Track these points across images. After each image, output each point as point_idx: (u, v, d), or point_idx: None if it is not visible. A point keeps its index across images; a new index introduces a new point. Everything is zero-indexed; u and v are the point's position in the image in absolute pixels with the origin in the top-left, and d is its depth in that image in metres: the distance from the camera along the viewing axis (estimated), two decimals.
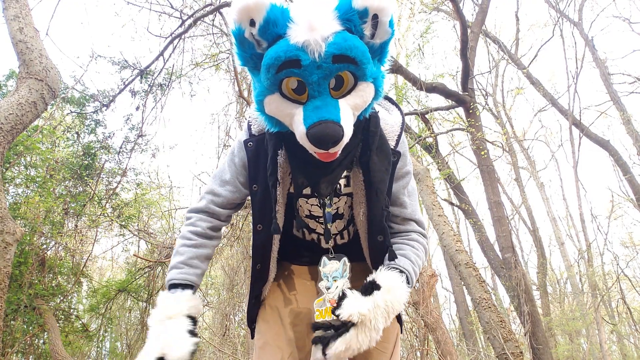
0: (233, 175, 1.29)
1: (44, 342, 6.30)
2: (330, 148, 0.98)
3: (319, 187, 1.18)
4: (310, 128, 0.95)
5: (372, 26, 0.98)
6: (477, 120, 6.88)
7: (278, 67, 0.94)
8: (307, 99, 0.98)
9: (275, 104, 1.01)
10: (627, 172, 8.99)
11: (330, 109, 0.96)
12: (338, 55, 0.93)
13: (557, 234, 13.90)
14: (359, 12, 0.95)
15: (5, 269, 3.07)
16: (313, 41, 0.91)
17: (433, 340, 4.60)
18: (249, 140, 1.24)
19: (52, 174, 6.81)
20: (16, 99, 3.31)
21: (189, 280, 1.22)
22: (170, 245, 6.49)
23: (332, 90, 0.98)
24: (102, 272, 11.97)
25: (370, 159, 1.16)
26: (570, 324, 11.16)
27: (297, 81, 0.97)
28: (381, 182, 1.18)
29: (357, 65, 0.95)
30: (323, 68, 0.93)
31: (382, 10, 0.96)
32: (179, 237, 1.30)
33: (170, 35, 6.32)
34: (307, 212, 1.29)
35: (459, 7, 6.34)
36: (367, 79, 1.00)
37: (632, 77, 9.96)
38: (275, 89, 0.99)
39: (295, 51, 0.92)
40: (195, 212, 1.31)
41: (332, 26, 0.93)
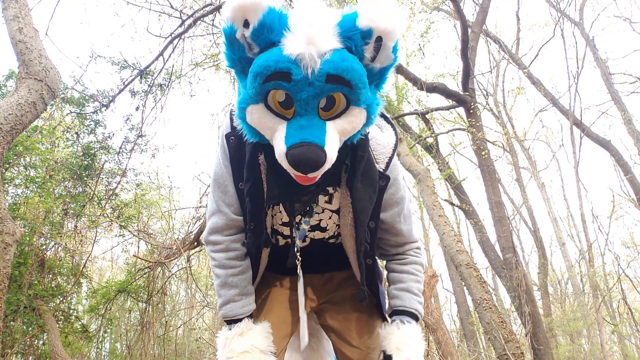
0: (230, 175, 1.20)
1: (43, 343, 6.29)
2: (309, 172, 0.91)
3: (291, 206, 1.14)
4: (291, 148, 0.88)
5: (374, 49, 0.92)
6: (477, 120, 6.87)
7: (266, 77, 0.87)
8: (292, 115, 0.91)
9: (258, 114, 0.94)
10: (628, 172, 8.97)
11: (315, 131, 0.89)
12: (333, 75, 0.86)
13: (558, 234, 13.88)
14: (362, 32, 0.88)
15: (4, 270, 3.05)
16: (308, 55, 0.84)
17: (434, 340, 4.58)
18: (231, 134, 1.15)
19: (51, 174, 6.79)
20: (15, 99, 3.30)
21: (252, 310, 1.22)
22: (170, 246, 6.48)
23: (321, 110, 0.91)
24: (102, 273, 11.96)
25: (354, 185, 1.10)
26: (571, 325, 11.14)
27: (284, 94, 0.90)
28: (362, 212, 1.12)
29: (351, 88, 0.89)
30: (314, 86, 0.87)
31: (388, 34, 0.90)
32: (218, 266, 1.21)
33: (170, 35, 6.31)
34: (285, 218, 1.23)
35: (459, 6, 6.33)
36: (360, 104, 0.93)
37: (633, 77, 9.94)
38: (260, 99, 0.92)
39: (287, 63, 0.85)
40: (220, 234, 1.20)
41: (331, 42, 0.87)
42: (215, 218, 1.20)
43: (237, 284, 1.20)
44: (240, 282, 1.20)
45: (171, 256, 6.26)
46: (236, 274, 1.20)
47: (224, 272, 1.20)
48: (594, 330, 11.20)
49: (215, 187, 1.21)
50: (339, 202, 1.19)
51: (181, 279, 8.29)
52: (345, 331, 1.31)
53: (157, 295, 6.95)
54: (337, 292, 1.35)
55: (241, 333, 1.16)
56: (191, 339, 9.43)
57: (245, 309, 1.19)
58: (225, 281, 1.19)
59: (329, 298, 1.35)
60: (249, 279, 1.23)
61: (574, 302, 13.30)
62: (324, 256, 1.33)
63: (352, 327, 1.31)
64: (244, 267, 1.22)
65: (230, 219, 1.19)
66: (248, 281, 1.22)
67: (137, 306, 7.64)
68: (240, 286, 1.20)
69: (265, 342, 1.16)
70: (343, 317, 1.32)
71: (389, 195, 1.19)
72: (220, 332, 1.20)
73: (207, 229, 1.23)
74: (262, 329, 1.18)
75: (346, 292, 1.34)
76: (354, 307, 1.33)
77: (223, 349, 1.16)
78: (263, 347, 1.15)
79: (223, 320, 1.21)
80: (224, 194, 1.19)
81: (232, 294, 1.19)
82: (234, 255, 1.21)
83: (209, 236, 1.21)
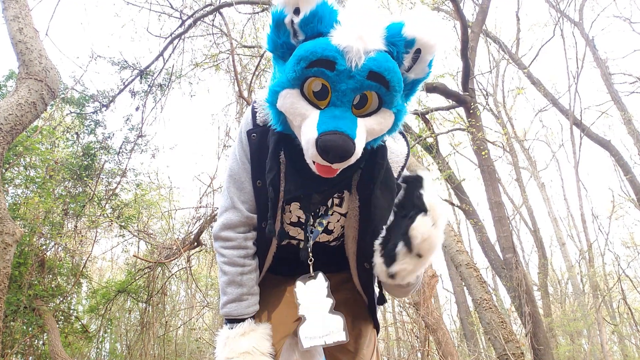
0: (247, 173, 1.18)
1: (43, 343, 6.28)
2: (336, 162, 0.92)
3: (308, 201, 1.14)
4: (323, 135, 0.89)
5: (412, 59, 0.95)
6: (477, 120, 6.87)
7: (311, 62, 0.89)
8: (326, 106, 0.93)
9: (291, 99, 0.95)
10: (628, 172, 8.97)
11: (348, 123, 0.91)
12: (375, 72, 0.89)
13: (558, 234, 13.88)
14: (406, 41, 0.92)
15: (4, 270, 3.05)
16: (355, 49, 0.87)
17: (434, 341, 4.58)
18: (253, 131, 1.15)
19: (51, 174, 6.79)
20: (16, 99, 3.30)
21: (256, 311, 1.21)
22: (170, 246, 6.48)
23: (353, 106, 0.93)
24: (102, 273, 11.96)
25: (374, 193, 1.10)
26: (571, 325, 11.15)
27: (321, 84, 0.92)
28: (381, 221, 1.11)
29: (388, 89, 0.91)
30: (355, 80, 0.89)
31: (428, 48, 0.93)
32: (227, 264, 1.18)
33: (170, 36, 6.32)
34: (295, 218, 1.22)
35: (459, 6, 6.33)
36: (392, 107, 0.96)
37: (633, 77, 9.94)
38: (297, 84, 0.93)
39: (334, 52, 0.88)
40: (233, 230, 1.19)
41: (377, 43, 0.90)
42: (229, 214, 1.19)
43: (245, 282, 1.19)
44: (248, 281, 1.19)
45: (171, 256, 6.26)
46: (245, 273, 1.19)
47: (234, 270, 1.18)
48: (594, 330, 11.20)
49: (231, 183, 1.19)
50: (348, 205, 1.20)
51: (181, 279, 8.29)
52: None
53: (157, 296, 6.95)
54: (333, 294, 1.34)
55: (243, 333, 1.15)
56: (191, 339, 9.44)
57: (250, 309, 1.19)
58: (233, 279, 1.18)
59: None
60: (256, 279, 1.22)
61: (574, 302, 13.30)
62: (323, 259, 1.32)
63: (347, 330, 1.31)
64: (253, 267, 1.21)
65: (245, 216, 1.18)
66: (255, 281, 1.22)
67: (137, 306, 7.64)
68: (248, 285, 1.19)
69: (266, 344, 1.16)
70: None
71: None
72: (221, 331, 1.19)
73: (218, 224, 1.20)
74: (264, 331, 1.18)
75: (341, 295, 1.33)
76: (348, 311, 1.31)
77: (223, 348, 1.15)
78: (264, 349, 1.14)
79: (225, 318, 1.20)
80: (240, 190, 1.18)
81: (239, 293, 1.18)
82: (245, 254, 1.20)
83: (221, 232, 1.19)
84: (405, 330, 6.50)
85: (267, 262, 1.26)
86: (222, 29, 6.64)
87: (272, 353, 1.16)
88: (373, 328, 1.35)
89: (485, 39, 10.16)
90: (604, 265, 10.95)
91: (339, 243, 1.31)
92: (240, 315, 1.18)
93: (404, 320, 6.65)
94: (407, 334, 5.64)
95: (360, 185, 1.13)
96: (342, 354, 1.30)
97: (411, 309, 5.29)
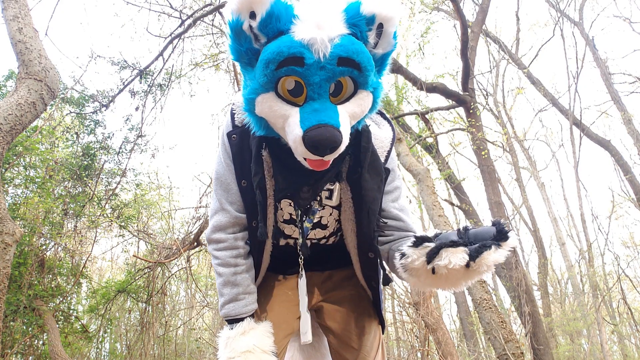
0: (232, 174, 1.20)
1: (43, 343, 6.28)
2: (326, 154, 0.92)
3: (298, 196, 1.13)
4: (308, 131, 0.89)
5: (376, 35, 0.95)
6: (477, 120, 6.87)
7: (279, 63, 0.89)
8: (304, 101, 0.93)
9: (268, 103, 0.94)
10: (627, 172, 8.97)
11: (330, 113, 0.91)
12: (344, 57, 0.89)
13: (557, 234, 13.87)
14: (366, 19, 0.92)
15: (4, 270, 3.05)
16: (319, 40, 0.87)
17: (434, 340, 4.58)
18: (233, 132, 1.16)
19: (51, 174, 6.79)
20: (15, 99, 3.30)
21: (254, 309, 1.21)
22: (170, 246, 6.48)
23: (330, 95, 0.93)
24: (102, 273, 11.95)
25: (362, 176, 1.11)
26: (571, 325, 11.15)
27: (294, 81, 0.92)
28: (374, 202, 1.13)
29: (360, 71, 0.91)
30: (327, 69, 0.89)
31: (389, 21, 0.94)
32: (221, 265, 1.20)
33: (170, 36, 6.31)
34: (287, 215, 1.23)
35: (459, 6, 6.33)
36: (367, 87, 0.96)
37: (633, 77, 9.94)
38: (270, 87, 0.93)
39: (300, 48, 0.87)
40: (224, 232, 1.20)
41: (339, 28, 0.89)
42: (219, 216, 1.20)
43: (240, 282, 1.19)
44: (243, 280, 1.20)
45: (171, 256, 6.25)
46: (239, 272, 1.20)
47: (228, 270, 1.19)
48: (594, 330, 11.20)
49: (218, 186, 1.21)
50: (339, 197, 1.19)
51: (181, 279, 8.29)
52: (344, 332, 1.31)
53: (157, 296, 6.95)
54: (336, 291, 1.34)
55: (243, 332, 1.15)
56: (191, 339, 9.43)
57: (247, 308, 1.19)
58: (228, 279, 1.19)
59: (328, 297, 1.35)
60: (251, 277, 1.22)
61: (574, 302, 13.30)
62: (324, 257, 1.32)
63: (351, 328, 1.30)
64: (247, 266, 1.21)
65: (233, 216, 1.19)
66: (251, 280, 1.22)
67: (137, 306, 7.64)
68: (244, 285, 1.20)
69: (267, 341, 1.16)
70: (341, 317, 1.32)
71: (386, 185, 1.21)
72: (222, 332, 1.19)
73: (210, 227, 1.22)
74: (264, 329, 1.18)
75: (345, 292, 1.34)
76: (352, 308, 1.32)
77: (225, 349, 1.15)
78: (265, 347, 1.14)
79: (225, 319, 1.21)
80: (227, 192, 1.19)
81: (235, 293, 1.19)
82: (238, 254, 1.20)
83: (213, 234, 1.21)
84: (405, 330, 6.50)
85: (265, 262, 1.26)
86: (222, 29, 6.64)
87: (274, 350, 1.16)
88: (378, 324, 1.34)
89: (485, 38, 10.15)
90: (604, 265, 10.95)
91: (337, 239, 1.30)
92: (238, 315, 1.18)
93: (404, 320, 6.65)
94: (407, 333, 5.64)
95: (350, 173, 1.13)
96: (346, 351, 1.30)
97: (411, 309, 5.29)
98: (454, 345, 4.57)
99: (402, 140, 5.72)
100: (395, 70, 6.80)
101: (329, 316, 1.33)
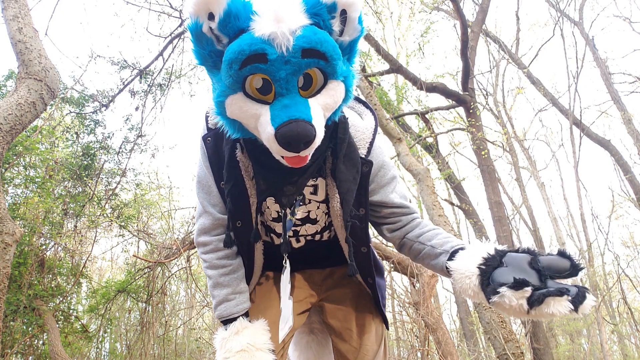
0: (211, 176, 1.19)
1: (43, 343, 6.28)
2: (301, 150, 0.90)
3: (281, 196, 1.12)
4: (280, 128, 0.87)
5: (340, 22, 0.92)
6: (477, 120, 6.87)
7: (242, 62, 0.86)
8: (273, 98, 0.91)
9: (238, 104, 0.92)
10: (627, 171, 8.97)
11: (301, 108, 0.88)
12: (308, 49, 0.86)
13: (557, 234, 13.87)
14: (327, 7, 0.89)
15: (4, 270, 3.05)
16: (280, 33, 0.84)
17: (434, 340, 4.58)
18: (207, 135, 1.15)
19: (51, 174, 6.79)
20: (15, 99, 3.30)
21: (247, 308, 1.21)
22: (170, 246, 6.47)
23: (300, 89, 0.91)
24: (102, 273, 11.95)
25: (337, 167, 1.10)
26: (571, 324, 11.15)
27: (262, 79, 0.89)
28: (348, 193, 1.11)
29: (327, 61, 0.89)
30: (292, 63, 0.86)
31: (351, 6, 0.91)
32: (209, 267, 1.21)
33: (170, 35, 6.32)
34: (275, 214, 1.22)
35: (459, 6, 6.33)
36: (337, 77, 0.93)
37: (633, 77, 9.94)
38: (238, 87, 0.91)
39: (261, 44, 0.85)
40: (208, 234, 1.21)
41: (299, 19, 0.87)
42: (202, 219, 1.21)
43: (228, 283, 1.20)
44: (231, 281, 1.20)
45: (171, 256, 6.25)
46: (227, 274, 1.20)
47: (215, 273, 1.20)
48: (594, 330, 11.20)
49: (200, 189, 1.21)
50: (325, 192, 1.18)
51: (181, 279, 8.29)
52: (345, 330, 1.31)
53: (157, 295, 6.94)
54: (338, 289, 1.34)
55: (237, 332, 1.15)
56: (191, 339, 9.43)
57: (239, 308, 1.19)
58: (217, 281, 1.20)
59: (329, 295, 1.35)
60: (240, 277, 1.23)
61: None
62: (323, 253, 1.32)
63: (352, 326, 1.30)
64: (234, 266, 1.22)
65: (216, 218, 1.20)
66: (240, 280, 1.22)
67: (137, 306, 7.64)
68: (232, 285, 1.20)
69: (262, 339, 1.15)
70: (343, 315, 1.32)
71: (379, 177, 1.20)
72: (217, 333, 1.20)
73: (195, 230, 1.23)
74: (259, 327, 1.18)
75: (346, 289, 1.34)
76: (354, 306, 1.32)
77: (220, 349, 1.16)
78: (260, 345, 1.14)
79: (219, 320, 1.21)
80: (208, 194, 1.20)
81: (224, 294, 1.19)
82: (224, 255, 1.21)
83: (198, 237, 1.22)
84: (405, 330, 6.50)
85: (259, 260, 1.25)
86: None
87: (270, 348, 1.16)
88: (380, 322, 1.34)
89: (485, 38, 10.15)
90: (604, 264, 10.95)
91: (332, 234, 1.29)
92: (230, 315, 1.18)
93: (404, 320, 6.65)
94: (407, 333, 5.64)
95: (334, 167, 1.12)
96: (348, 349, 1.31)
97: (411, 309, 5.28)
98: (454, 345, 4.57)
99: (402, 140, 5.72)
100: (395, 70, 6.81)
101: (330, 314, 1.33)
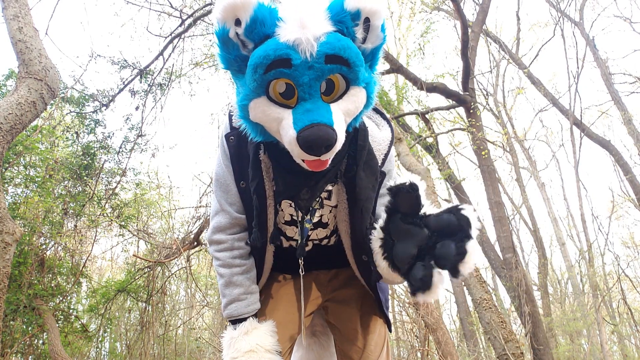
0: (231, 175, 1.20)
1: (43, 343, 6.28)
2: (322, 154, 0.91)
3: (298, 199, 1.13)
4: (302, 131, 0.89)
5: (364, 30, 0.94)
6: (477, 120, 6.87)
7: (267, 67, 0.89)
8: (296, 103, 0.93)
9: (261, 108, 0.95)
10: (628, 172, 8.97)
11: (323, 112, 0.90)
12: (331, 55, 0.88)
13: (558, 234, 13.87)
14: (351, 14, 0.91)
15: (4, 270, 3.05)
16: (305, 39, 0.86)
17: (434, 340, 4.57)
18: (230, 134, 1.17)
19: (51, 174, 6.79)
20: (15, 98, 3.30)
21: (257, 309, 1.22)
22: (170, 246, 6.47)
23: (322, 94, 0.93)
24: (102, 273, 11.95)
25: (357, 174, 1.10)
26: (571, 325, 11.15)
27: (285, 84, 0.91)
28: (367, 200, 1.12)
29: (350, 67, 0.91)
30: (315, 68, 0.88)
31: (375, 14, 0.93)
32: (222, 266, 1.21)
33: (170, 35, 6.32)
34: (288, 217, 1.23)
35: (459, 6, 6.32)
36: (359, 83, 0.95)
37: (633, 77, 9.94)
38: (262, 91, 0.93)
39: (286, 49, 0.87)
40: (224, 232, 1.21)
41: (324, 26, 0.89)
42: (219, 217, 1.21)
43: (241, 282, 1.20)
44: (244, 281, 1.20)
45: (171, 256, 6.25)
46: (240, 273, 1.20)
47: (229, 271, 1.20)
48: (594, 330, 11.20)
49: (217, 187, 1.22)
50: (337, 197, 1.19)
51: (181, 278, 8.30)
52: (349, 331, 1.31)
53: (157, 295, 6.95)
54: (342, 289, 1.35)
55: (246, 332, 1.16)
56: (191, 338, 9.43)
57: (250, 308, 1.20)
58: (230, 280, 1.20)
59: (334, 295, 1.35)
60: (253, 278, 1.23)
61: (574, 302, 13.30)
62: (328, 255, 1.33)
63: (356, 326, 1.31)
64: (248, 266, 1.22)
65: (233, 217, 1.20)
66: (252, 280, 1.22)
67: (136, 306, 7.64)
68: (245, 285, 1.20)
69: (270, 340, 1.16)
70: (346, 316, 1.32)
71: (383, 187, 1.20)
72: (225, 332, 1.20)
73: (210, 228, 1.23)
74: (267, 328, 1.18)
75: (351, 290, 1.34)
76: (358, 307, 1.33)
77: (228, 349, 1.16)
78: (268, 346, 1.14)
79: (228, 320, 1.21)
80: (226, 193, 1.20)
81: (236, 293, 1.19)
82: (238, 254, 1.21)
83: (213, 235, 1.22)
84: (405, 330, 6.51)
85: (269, 262, 1.26)
86: None
87: (278, 349, 1.16)
88: (383, 323, 1.35)
89: (486, 38, 10.15)
90: (604, 265, 10.96)
91: (337, 238, 1.30)
92: (241, 315, 1.19)
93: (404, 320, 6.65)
94: (406, 333, 5.64)
95: (345, 172, 1.13)
96: (351, 350, 1.31)
97: (411, 309, 5.29)
98: (454, 345, 4.57)
99: (402, 140, 5.72)
100: (395, 70, 6.81)
101: (334, 314, 1.34)
